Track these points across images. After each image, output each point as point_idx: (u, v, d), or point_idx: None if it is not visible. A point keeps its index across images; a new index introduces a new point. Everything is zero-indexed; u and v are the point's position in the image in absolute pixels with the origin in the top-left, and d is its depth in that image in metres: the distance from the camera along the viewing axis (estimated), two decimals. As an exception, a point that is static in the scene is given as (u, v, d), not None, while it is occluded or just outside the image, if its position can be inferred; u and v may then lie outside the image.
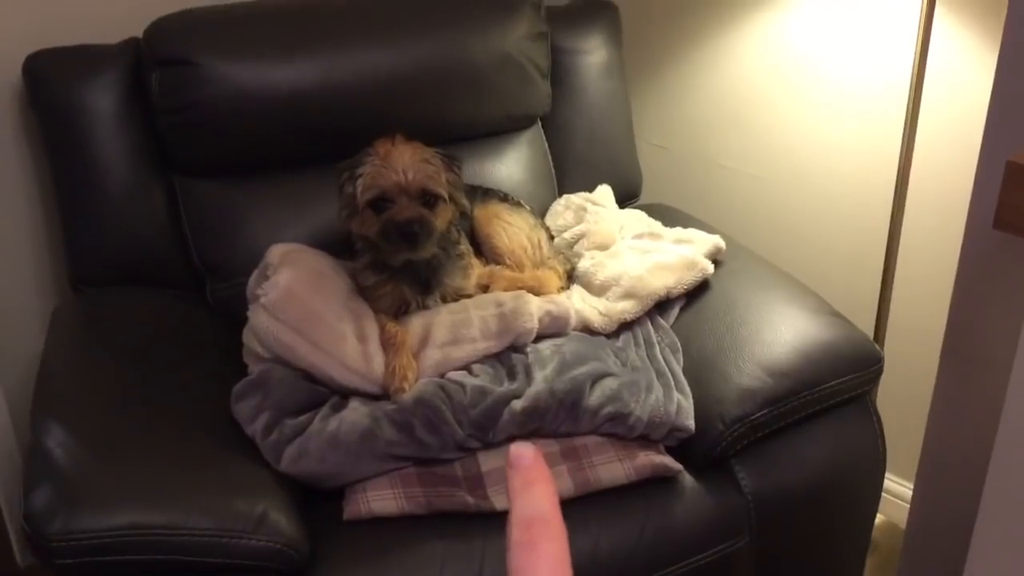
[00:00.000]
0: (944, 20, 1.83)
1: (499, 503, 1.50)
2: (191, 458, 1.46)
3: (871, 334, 1.98)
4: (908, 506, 1.81)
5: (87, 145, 1.85)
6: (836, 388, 1.64)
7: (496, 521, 1.50)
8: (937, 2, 1.75)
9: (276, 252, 1.69)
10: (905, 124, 1.85)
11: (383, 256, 1.66)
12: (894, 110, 1.90)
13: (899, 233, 1.94)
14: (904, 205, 1.92)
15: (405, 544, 1.47)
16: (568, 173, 2.21)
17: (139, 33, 1.87)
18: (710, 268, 1.83)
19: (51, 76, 1.85)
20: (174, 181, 1.91)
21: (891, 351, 1.95)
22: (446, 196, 1.65)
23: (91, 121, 1.84)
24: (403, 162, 1.61)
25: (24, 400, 2.00)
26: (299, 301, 1.61)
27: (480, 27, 2.02)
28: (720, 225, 2.04)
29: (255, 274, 1.73)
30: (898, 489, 2.14)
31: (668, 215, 2.11)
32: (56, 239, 2.00)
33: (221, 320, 1.85)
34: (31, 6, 1.91)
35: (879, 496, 1.75)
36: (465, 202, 1.73)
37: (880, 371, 1.68)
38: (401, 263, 1.66)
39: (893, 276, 1.97)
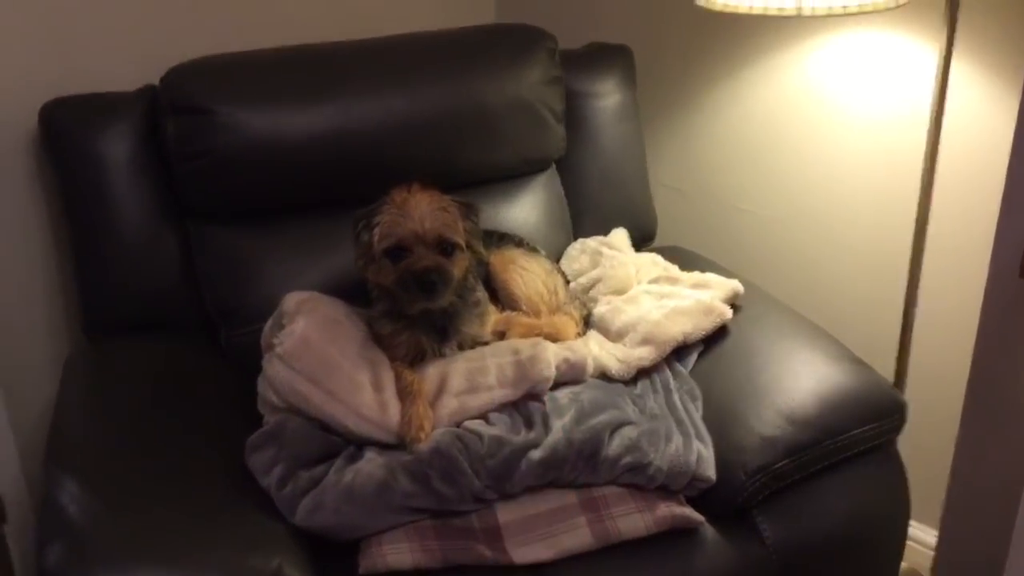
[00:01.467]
0: (963, 61, 1.82)
1: (517, 556, 1.47)
2: (205, 512, 1.43)
3: (891, 378, 1.96)
4: (931, 552, 1.78)
5: (102, 192, 1.85)
6: (859, 437, 1.61)
7: (514, 574, 1.47)
8: (956, 42, 1.74)
9: (291, 300, 1.68)
10: (924, 165, 1.83)
11: (400, 305, 1.65)
12: (913, 151, 1.88)
13: (919, 275, 1.92)
14: (923, 246, 1.90)
15: (421, 599, 1.45)
16: (583, 216, 2.20)
17: (155, 80, 1.88)
18: (728, 313, 1.81)
19: (67, 124, 1.85)
20: (188, 228, 1.90)
21: (912, 395, 1.92)
22: (463, 244, 1.64)
23: (106, 169, 1.85)
24: (420, 210, 1.60)
25: (35, 446, 1.99)
26: (314, 350, 1.59)
27: (495, 72, 2.03)
28: (736, 268, 2.02)
29: (270, 322, 1.71)
30: (920, 535, 2.10)
31: (684, 258, 2.09)
32: (70, 286, 2.00)
33: (235, 368, 1.84)
34: (48, 54, 1.91)
35: (904, 544, 1.71)
36: (482, 250, 1.72)
37: (903, 419, 1.66)
38: (418, 312, 1.64)
39: (913, 319, 1.95)
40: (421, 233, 1.60)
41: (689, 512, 1.54)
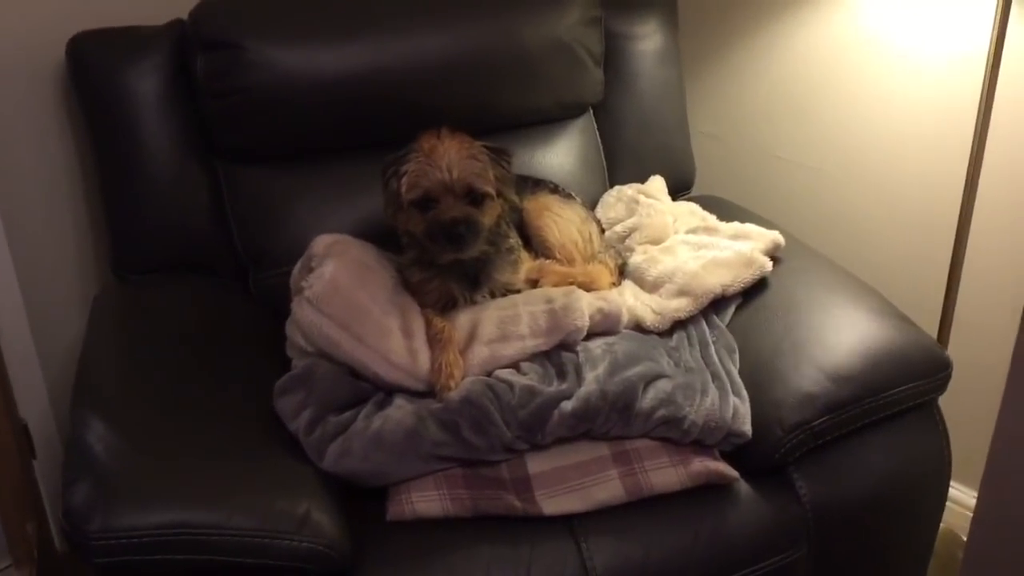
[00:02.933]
0: None
1: (547, 507, 1.45)
2: (232, 454, 1.42)
3: (934, 334, 1.90)
4: (970, 514, 1.74)
5: (131, 129, 1.82)
6: (901, 395, 1.57)
7: (544, 525, 1.45)
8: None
9: (321, 243, 1.65)
10: (979, 113, 1.76)
11: (429, 254, 1.61)
12: (967, 98, 1.81)
13: (967, 230, 1.85)
14: (974, 199, 1.83)
15: (449, 547, 1.43)
16: (619, 163, 2.15)
17: (184, 14, 1.83)
18: (768, 265, 1.76)
19: (95, 58, 1.81)
20: (218, 167, 1.87)
21: (955, 353, 1.86)
22: (494, 193, 1.59)
23: (135, 105, 1.81)
24: (448, 159, 1.56)
25: (64, 385, 1.98)
26: (344, 294, 1.56)
27: (532, 11, 1.96)
28: (775, 219, 1.96)
29: (299, 265, 1.69)
30: (959, 496, 2.05)
31: (722, 208, 2.04)
32: (98, 224, 1.98)
33: (264, 310, 1.82)
34: (76, -14, 1.87)
35: (943, 506, 1.67)
36: (515, 197, 1.67)
37: (948, 378, 1.60)
38: (448, 261, 1.61)
39: (960, 274, 1.89)
40: (449, 183, 1.56)
41: (724, 467, 1.51)
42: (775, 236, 1.81)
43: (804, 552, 1.53)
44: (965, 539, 2.02)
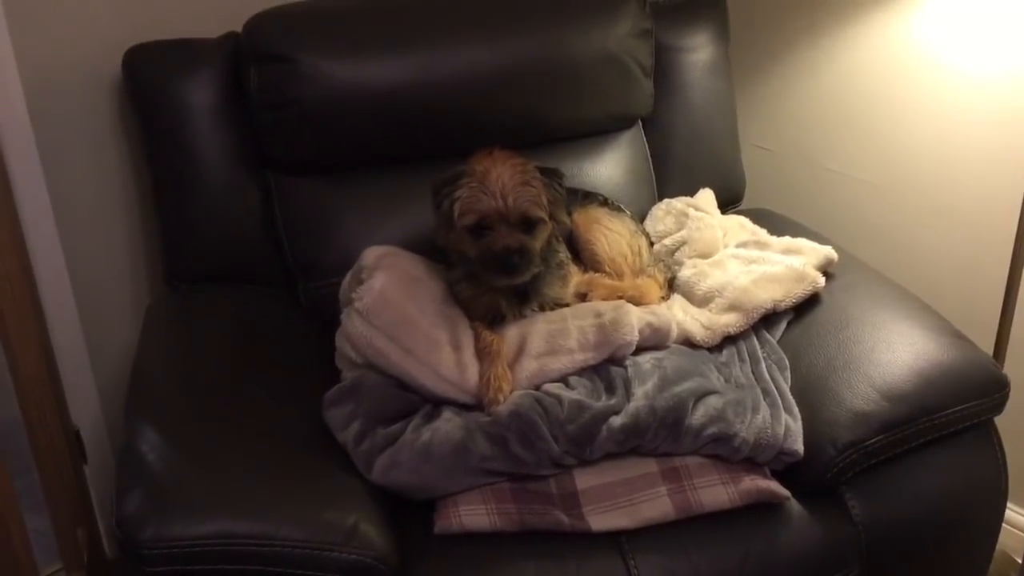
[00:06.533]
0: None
1: (595, 523, 1.44)
2: (282, 465, 1.42)
3: (990, 352, 1.86)
4: (1024, 536, 1.70)
5: (184, 141, 1.84)
6: (958, 415, 1.54)
7: (591, 542, 1.44)
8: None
9: (371, 255, 1.66)
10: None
11: (481, 277, 1.61)
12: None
13: (1025, 246, 1.81)
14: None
15: (496, 562, 1.42)
16: (668, 176, 2.13)
17: (239, 27, 1.85)
18: (821, 281, 1.74)
19: (150, 70, 1.84)
20: (270, 178, 1.89)
21: (1011, 372, 1.82)
22: (546, 218, 1.59)
23: (189, 116, 1.83)
24: (502, 185, 1.55)
25: (115, 392, 2.02)
26: (393, 307, 1.57)
27: (583, 24, 1.95)
28: (826, 232, 1.94)
29: (349, 277, 1.69)
30: (1017, 519, 2.01)
31: (773, 221, 2.01)
32: (151, 234, 2.01)
33: (313, 320, 1.83)
34: (132, -1, 1.90)
35: (999, 529, 1.64)
36: (566, 219, 1.67)
37: (1006, 398, 1.57)
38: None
39: (1017, 290, 1.85)
40: (504, 211, 1.55)
41: (775, 486, 1.49)
42: (828, 251, 1.79)
43: (857, 574, 1.51)
44: (1020, 561, 1.98)
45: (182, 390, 1.54)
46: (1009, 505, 1.95)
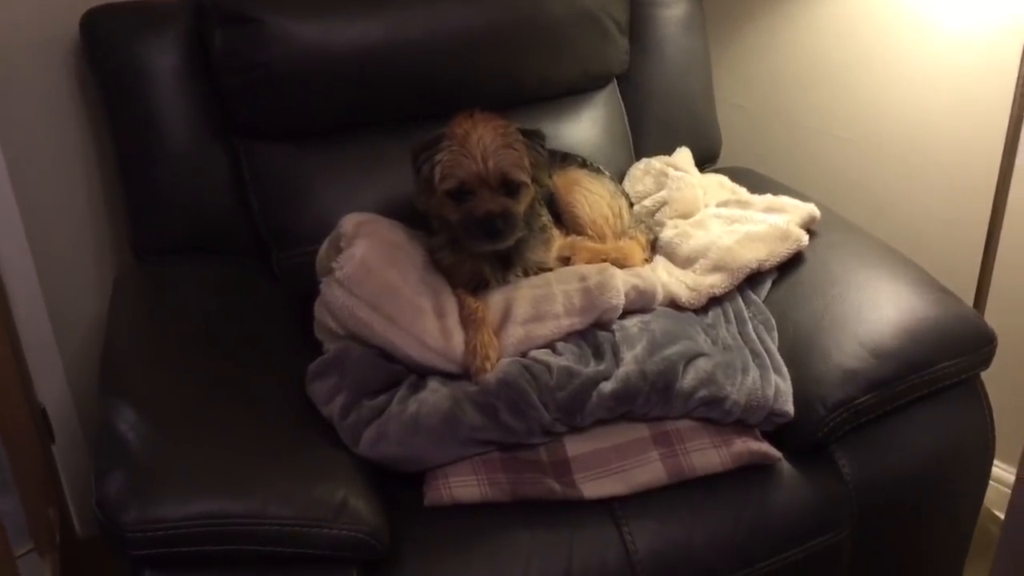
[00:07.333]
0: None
1: (587, 490, 1.42)
2: (266, 441, 1.38)
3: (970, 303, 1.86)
4: (1008, 491, 1.71)
5: (147, 106, 1.77)
6: (946, 371, 1.53)
7: (584, 509, 1.42)
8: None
9: (349, 223, 1.60)
10: (1019, 76, 1.70)
11: (463, 243, 1.57)
12: (1006, 65, 1.76)
13: (1005, 201, 1.81)
14: (1012, 170, 1.78)
15: (489, 533, 1.40)
16: (645, 135, 2.10)
17: (201, -12, 1.77)
18: (805, 239, 1.72)
19: (110, 34, 1.76)
20: (238, 145, 1.82)
21: (993, 325, 1.83)
22: (529, 181, 1.55)
23: (151, 81, 1.76)
24: (483, 148, 1.51)
25: (82, 369, 1.97)
26: (375, 275, 1.52)
27: (557, -21, 1.90)
28: (804, 190, 1.92)
29: (326, 245, 1.65)
30: (1003, 475, 2.02)
31: (751, 180, 1.99)
32: (116, 205, 1.94)
33: (288, 291, 1.78)
34: (89, -41, 1.82)
35: (987, 483, 1.65)
36: (549, 181, 1.63)
37: (993, 352, 1.57)
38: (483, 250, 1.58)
39: (997, 244, 1.85)
40: (485, 175, 1.51)
41: (766, 448, 1.48)
42: (811, 209, 1.77)
43: (848, 532, 1.51)
44: (1002, 516, 2.00)
45: (158, 365, 1.48)
46: (998, 463, 1.96)
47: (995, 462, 1.98)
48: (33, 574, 1.83)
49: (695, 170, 2.02)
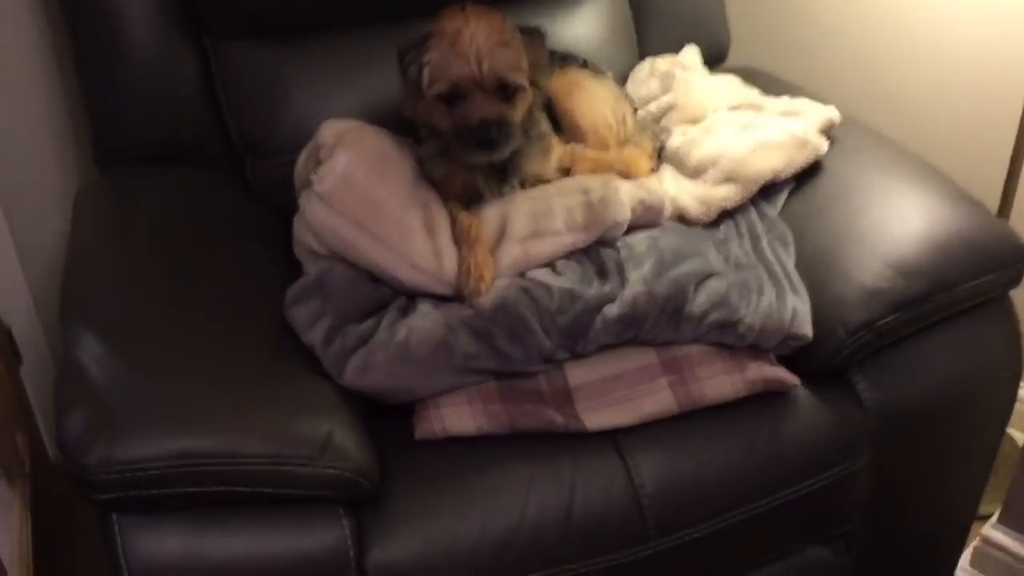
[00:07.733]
0: None
1: (590, 421, 1.33)
2: (243, 372, 1.27)
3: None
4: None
5: (107, 1, 1.60)
6: (975, 289, 1.43)
7: (587, 442, 1.33)
8: None
9: (330, 131, 1.46)
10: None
11: (454, 153, 1.44)
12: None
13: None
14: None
15: (485, 467, 1.30)
16: (649, 32, 1.94)
17: None
18: (824, 146, 1.59)
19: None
20: (206, 42, 1.66)
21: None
22: (527, 85, 1.41)
23: (110, -28, 1.59)
24: (476, 47, 1.36)
25: (48, 287, 1.85)
26: (359, 190, 1.39)
27: None
28: (817, 92, 1.78)
29: (304, 155, 1.51)
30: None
31: (763, 81, 1.84)
32: (76, 111, 1.79)
33: (264, 204, 1.65)
34: None
35: (1012, 407, 1.56)
36: (548, 84, 1.49)
37: (1026, 268, 1.46)
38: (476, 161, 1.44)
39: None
40: (478, 77, 1.37)
41: (783, 373, 1.38)
42: (830, 112, 1.63)
43: (866, 461, 1.42)
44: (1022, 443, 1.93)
45: (123, 289, 1.36)
46: None
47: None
48: (1, 502, 1.74)
49: (704, 70, 1.87)
